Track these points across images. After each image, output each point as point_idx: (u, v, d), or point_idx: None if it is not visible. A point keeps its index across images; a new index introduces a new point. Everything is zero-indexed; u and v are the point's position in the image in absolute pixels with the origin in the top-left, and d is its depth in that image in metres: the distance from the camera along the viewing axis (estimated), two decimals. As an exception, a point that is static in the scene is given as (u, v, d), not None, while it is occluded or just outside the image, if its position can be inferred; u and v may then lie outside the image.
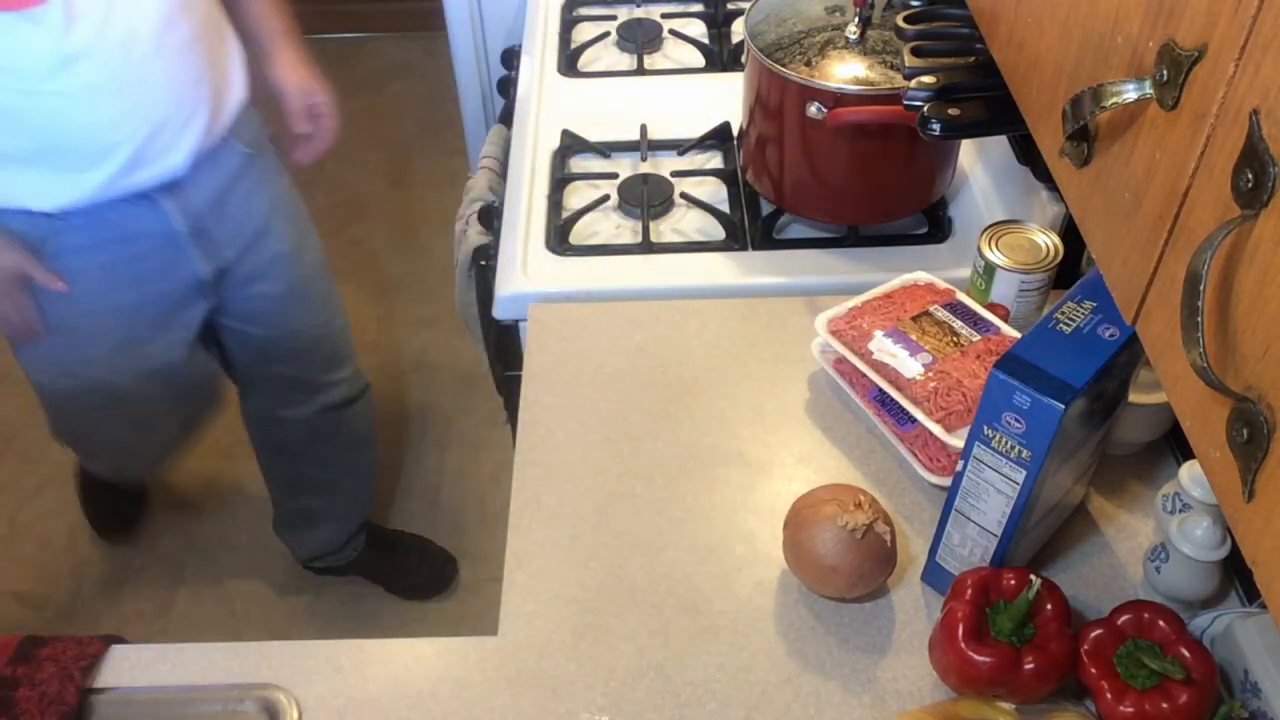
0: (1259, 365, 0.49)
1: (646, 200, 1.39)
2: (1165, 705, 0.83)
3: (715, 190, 1.44)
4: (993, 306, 1.16)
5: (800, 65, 1.23)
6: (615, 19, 1.76)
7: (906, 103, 1.06)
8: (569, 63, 1.67)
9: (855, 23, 1.24)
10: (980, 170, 1.45)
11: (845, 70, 1.22)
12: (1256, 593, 0.99)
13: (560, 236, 1.36)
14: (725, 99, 1.55)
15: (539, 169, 1.47)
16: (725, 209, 1.41)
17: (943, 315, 1.14)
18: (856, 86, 1.20)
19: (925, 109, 1.05)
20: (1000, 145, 1.40)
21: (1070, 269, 1.21)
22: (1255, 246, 0.48)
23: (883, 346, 1.11)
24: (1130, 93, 0.58)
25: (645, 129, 1.51)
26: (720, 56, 1.67)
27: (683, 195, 1.42)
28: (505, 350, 1.41)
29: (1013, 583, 0.90)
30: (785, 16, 1.29)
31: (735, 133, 1.50)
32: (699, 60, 1.67)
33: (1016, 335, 1.11)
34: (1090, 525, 1.07)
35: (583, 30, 1.75)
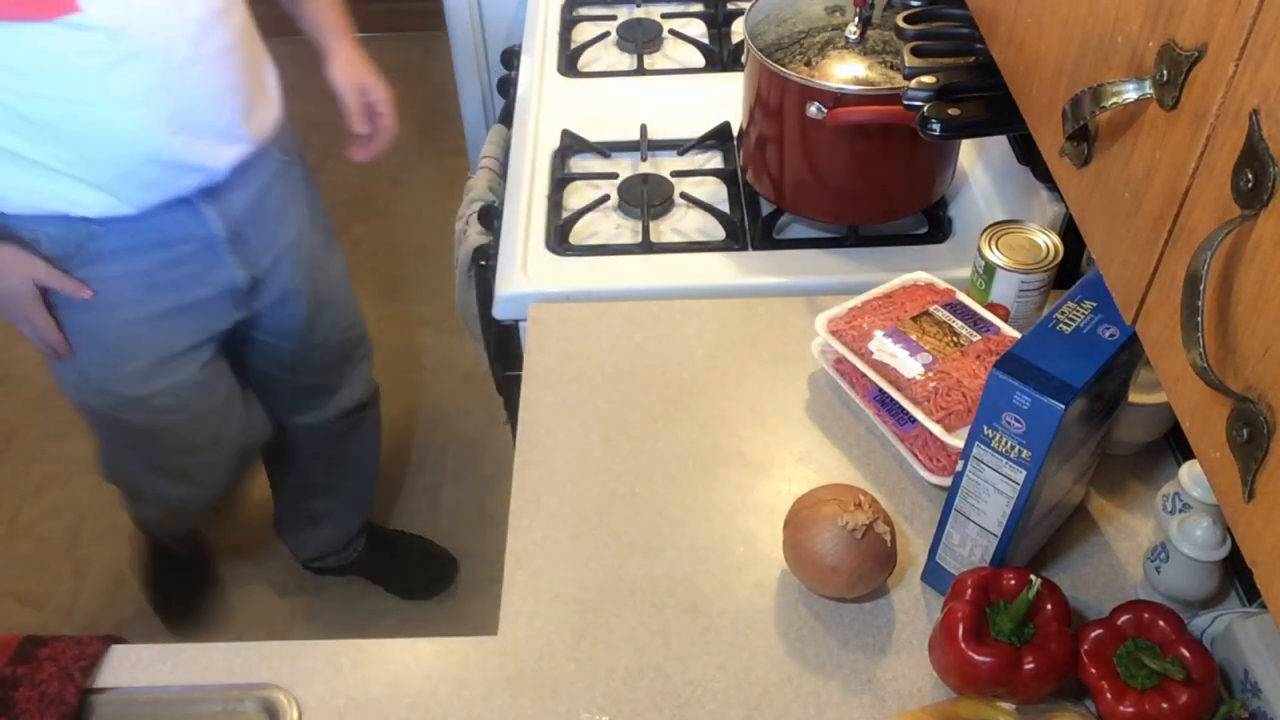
0: (1259, 365, 0.49)
1: (646, 200, 1.39)
2: (1165, 705, 0.83)
3: (715, 190, 1.44)
4: (993, 306, 1.16)
5: (800, 65, 1.23)
6: (615, 19, 1.76)
7: (906, 103, 1.06)
8: (569, 63, 1.67)
9: (855, 23, 1.24)
10: (980, 170, 1.45)
11: (845, 70, 1.22)
12: (1256, 593, 0.99)
13: (560, 236, 1.36)
14: (725, 99, 1.55)
15: (539, 169, 1.47)
16: (725, 209, 1.41)
17: (943, 315, 1.14)
18: (856, 86, 1.20)
19: (925, 109, 1.05)
20: (1000, 145, 1.40)
21: (1070, 269, 1.21)
22: (1255, 246, 0.48)
23: (883, 346, 1.11)
24: (1130, 93, 0.58)
25: (645, 129, 1.51)
26: (720, 56, 1.67)
27: (683, 195, 1.42)
28: (505, 350, 1.41)
29: (1013, 583, 0.90)
30: (785, 16, 1.29)
31: (735, 133, 1.50)
32: (699, 60, 1.67)
33: (1016, 335, 1.11)
34: (1090, 525, 1.07)
35: (583, 30, 1.75)
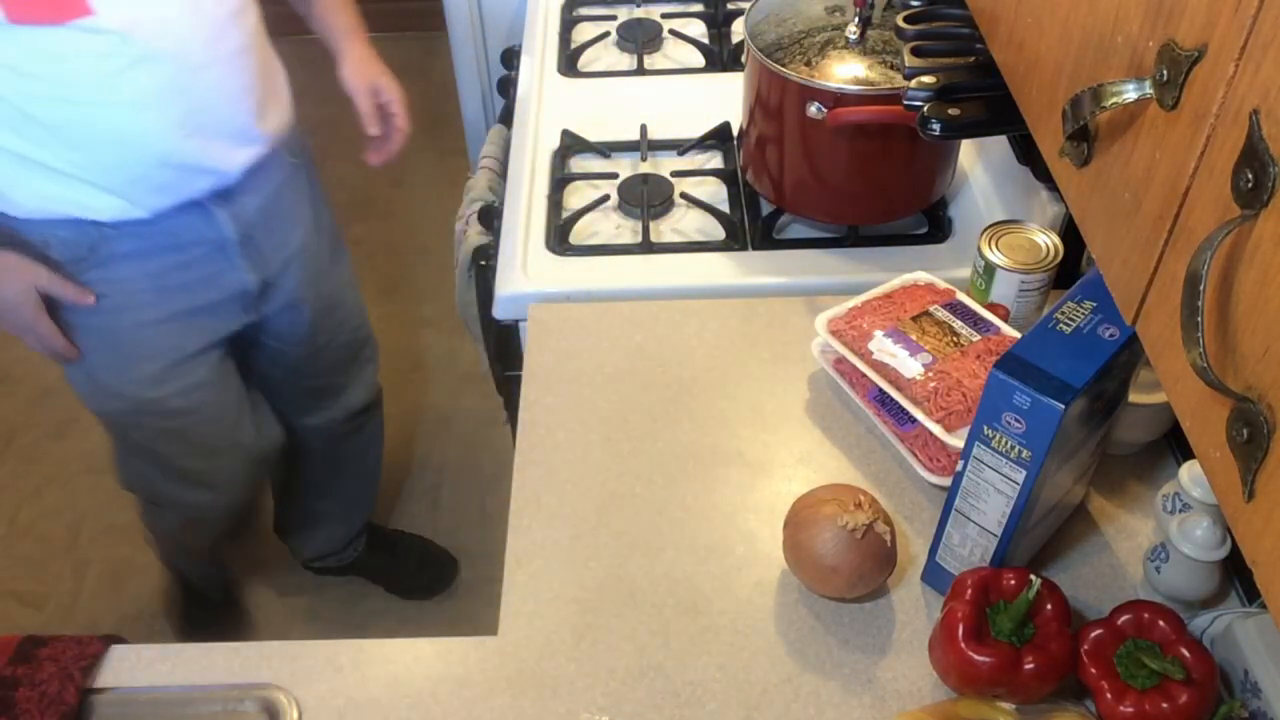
0: (1259, 365, 0.49)
1: (646, 200, 1.39)
2: (1165, 705, 0.83)
3: (715, 190, 1.44)
4: (993, 306, 1.16)
5: (800, 65, 1.23)
6: (615, 19, 1.76)
7: (906, 103, 1.06)
8: (569, 63, 1.67)
9: (855, 23, 1.24)
10: (980, 170, 1.45)
11: (845, 70, 1.22)
12: (1256, 593, 0.99)
13: (560, 236, 1.36)
14: (725, 99, 1.55)
15: (539, 169, 1.47)
16: (725, 209, 1.41)
17: (943, 315, 1.14)
18: (856, 86, 1.20)
19: (925, 109, 1.05)
20: (1000, 145, 1.40)
21: (1070, 269, 1.21)
22: (1255, 246, 0.48)
23: (883, 346, 1.11)
24: (1130, 93, 0.58)
25: (645, 129, 1.51)
26: (720, 56, 1.67)
27: (683, 195, 1.42)
28: (505, 350, 1.41)
29: (1013, 583, 0.90)
30: (785, 16, 1.29)
31: (735, 133, 1.50)
32: (699, 60, 1.67)
33: (1016, 335, 1.11)
34: (1090, 525, 1.07)
35: (583, 30, 1.75)
